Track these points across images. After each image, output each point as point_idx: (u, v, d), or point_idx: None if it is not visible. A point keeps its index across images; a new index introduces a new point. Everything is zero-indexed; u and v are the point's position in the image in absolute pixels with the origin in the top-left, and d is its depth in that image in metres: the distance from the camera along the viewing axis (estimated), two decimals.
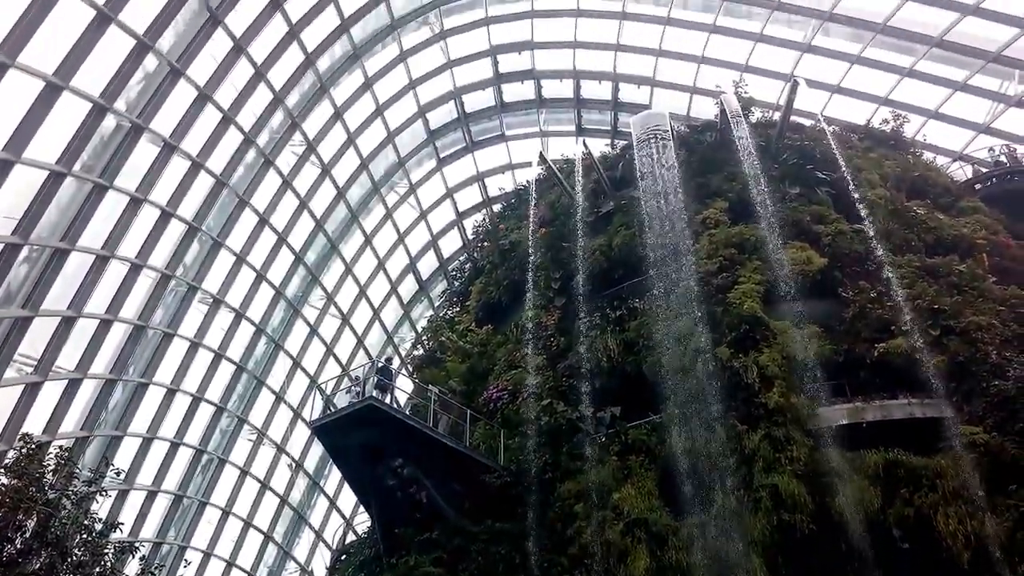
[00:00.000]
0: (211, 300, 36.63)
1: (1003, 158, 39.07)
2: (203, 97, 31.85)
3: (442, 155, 49.88)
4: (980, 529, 21.43)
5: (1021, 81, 38.59)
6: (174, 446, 36.34)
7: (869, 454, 23.03)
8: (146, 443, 34.76)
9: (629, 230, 31.16)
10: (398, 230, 48.51)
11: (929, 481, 22.36)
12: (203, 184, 33.98)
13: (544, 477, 25.38)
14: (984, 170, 39.08)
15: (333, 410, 26.15)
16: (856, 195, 30.12)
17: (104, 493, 25.11)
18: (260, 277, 38.87)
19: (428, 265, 52.13)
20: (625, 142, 39.64)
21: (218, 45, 31.91)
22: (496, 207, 48.42)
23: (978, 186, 37.39)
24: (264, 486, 41.98)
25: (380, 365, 27.38)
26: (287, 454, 43.36)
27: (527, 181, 42.29)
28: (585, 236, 31.66)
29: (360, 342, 47.24)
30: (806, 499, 22.19)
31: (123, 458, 33.08)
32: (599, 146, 43.81)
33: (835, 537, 21.96)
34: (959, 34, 38.03)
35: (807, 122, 36.86)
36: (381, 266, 47.90)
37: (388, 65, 42.74)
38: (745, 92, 37.59)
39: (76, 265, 29.15)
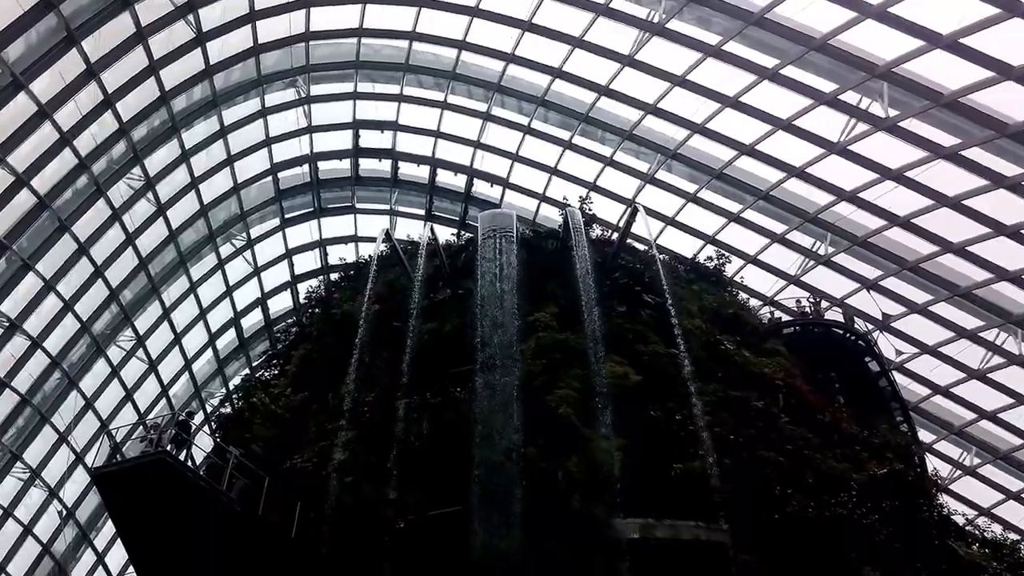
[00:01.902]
0: (7, 323, 34.09)
1: (808, 309, 42.66)
2: (42, 114, 30.37)
3: (287, 215, 49.25)
4: None
5: (832, 243, 42.52)
6: None
7: (652, 571, 23.88)
8: None
9: (461, 319, 31.63)
10: (227, 282, 47.12)
11: None
12: (23, 202, 32.03)
13: (331, 560, 24.72)
14: (789, 318, 42.48)
15: (120, 459, 24.64)
16: (675, 322, 31.86)
17: None
18: (67, 307, 36.60)
19: (253, 323, 50.72)
20: (471, 235, 40.57)
21: (69, 65, 30.70)
22: (334, 276, 47.98)
23: (788, 330, 40.50)
24: (27, 531, 38.56)
25: (180, 419, 26.18)
26: (59, 500, 40.15)
27: (369, 255, 42.34)
28: (418, 319, 31.83)
29: (164, 391, 44.96)
30: None
31: None
32: (445, 234, 44.70)
33: None
34: (783, 191, 41.68)
35: (641, 247, 39.04)
36: (203, 316, 46.18)
37: (247, 118, 42.29)
38: (589, 209, 39.62)
39: None
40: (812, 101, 36.83)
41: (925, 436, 45.37)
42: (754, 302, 44.00)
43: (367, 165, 49.19)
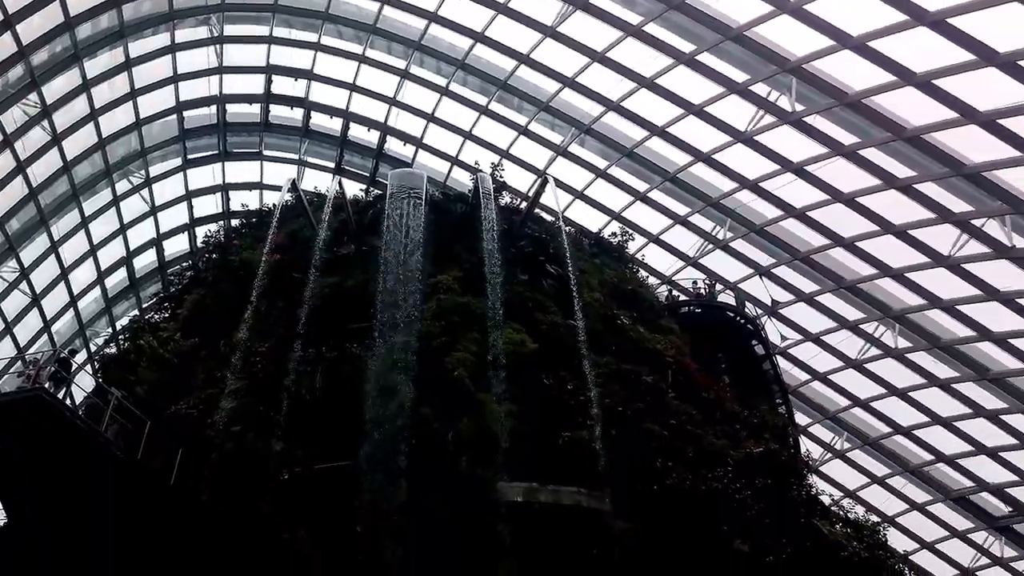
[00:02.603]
0: None
1: (703, 291, 44.02)
2: None
3: (190, 156, 47.66)
4: None
5: (731, 229, 43.84)
6: None
7: (533, 532, 24.54)
8: None
9: (364, 276, 31.44)
10: (121, 220, 45.44)
11: (581, 566, 24.28)
12: None
13: (215, 506, 24.50)
14: (685, 298, 43.74)
15: None
16: (575, 294, 32.45)
17: None
18: None
19: (146, 264, 49.12)
20: (380, 192, 40.22)
21: None
22: (235, 222, 46.83)
23: (682, 310, 41.69)
24: None
25: (61, 356, 25.38)
26: None
27: (273, 204, 41.44)
28: (319, 272, 31.49)
29: (47, 327, 43.29)
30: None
31: None
32: (354, 189, 44.29)
33: None
34: (689, 174, 42.65)
35: (548, 217, 39.49)
36: (93, 252, 44.50)
37: (155, 52, 40.68)
38: (500, 176, 39.79)
39: None
40: (724, 89, 37.66)
41: (801, 419, 47.57)
42: (653, 280, 45.13)
43: (278, 112, 47.99)
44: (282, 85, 46.40)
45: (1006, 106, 31.21)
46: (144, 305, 47.45)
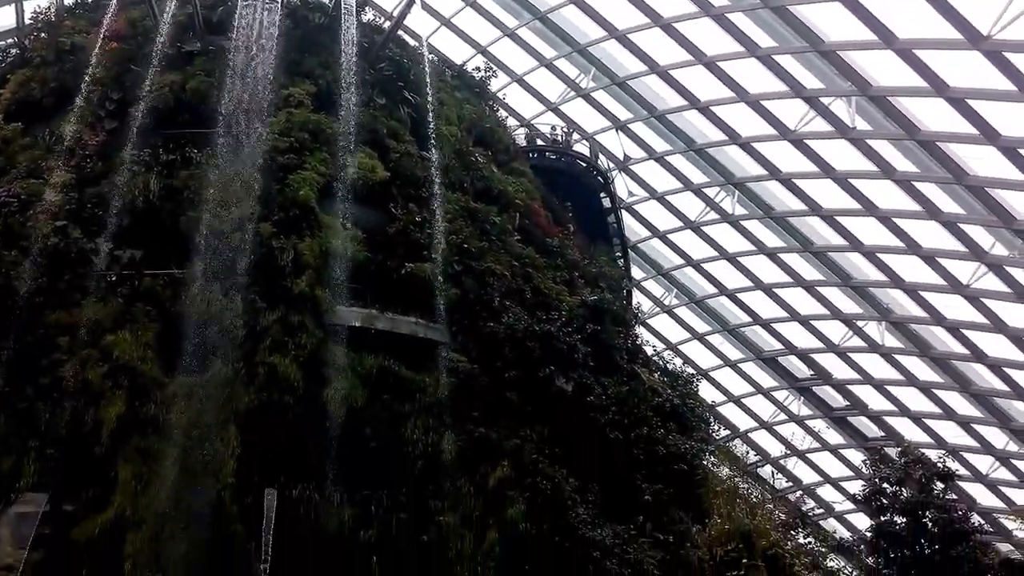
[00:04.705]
0: None
1: (560, 138, 44.13)
2: None
3: None
4: (438, 443, 24.37)
5: (594, 79, 43.67)
6: None
7: (368, 357, 24.86)
8: None
9: (208, 78, 29.36)
10: None
11: (410, 393, 24.88)
12: None
13: (35, 301, 23.30)
14: (542, 143, 43.74)
15: None
16: (432, 125, 31.68)
17: None
18: None
19: None
20: None
21: None
22: (68, 1, 42.28)
23: (533, 155, 41.71)
24: None
25: None
26: None
27: None
28: (160, 68, 29.14)
29: None
30: (300, 384, 23.29)
31: None
32: None
33: (318, 424, 23.35)
34: (560, 16, 41.73)
35: (412, 42, 37.87)
36: None
37: None
38: None
39: None
40: None
41: (637, 273, 49.67)
42: (512, 122, 44.64)
43: None
44: None
45: None
46: None
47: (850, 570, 36.59)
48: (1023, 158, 33.95)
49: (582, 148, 45.02)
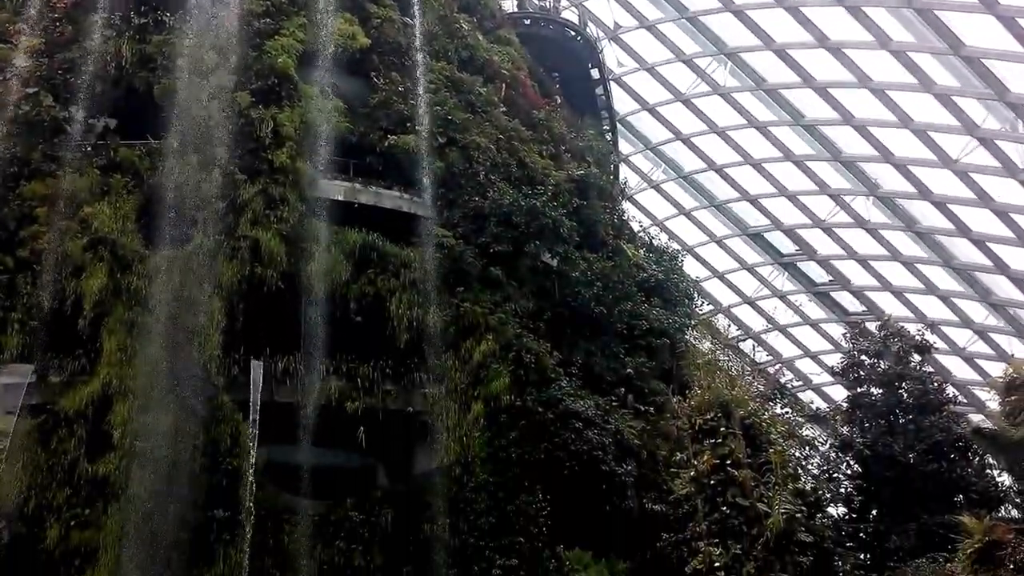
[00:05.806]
0: None
1: (549, 4, 42.50)
2: None
3: None
4: (423, 318, 24.46)
5: None
6: None
7: (351, 232, 24.63)
8: None
9: None
10: None
11: (395, 268, 24.82)
12: None
13: (8, 171, 22.77)
14: (529, 10, 42.17)
15: None
16: None
17: None
18: None
19: None
20: None
21: None
22: None
23: (524, 22, 40.21)
24: None
25: None
26: None
27: None
28: None
29: None
30: (283, 258, 23.16)
31: None
32: None
33: (302, 298, 23.34)
34: None
35: None
36: None
37: None
38: None
39: None
40: None
41: (625, 147, 48.88)
42: None
43: None
44: None
45: None
46: None
47: (825, 439, 37.52)
48: (1022, 28, 32.96)
49: (571, 15, 43.45)
